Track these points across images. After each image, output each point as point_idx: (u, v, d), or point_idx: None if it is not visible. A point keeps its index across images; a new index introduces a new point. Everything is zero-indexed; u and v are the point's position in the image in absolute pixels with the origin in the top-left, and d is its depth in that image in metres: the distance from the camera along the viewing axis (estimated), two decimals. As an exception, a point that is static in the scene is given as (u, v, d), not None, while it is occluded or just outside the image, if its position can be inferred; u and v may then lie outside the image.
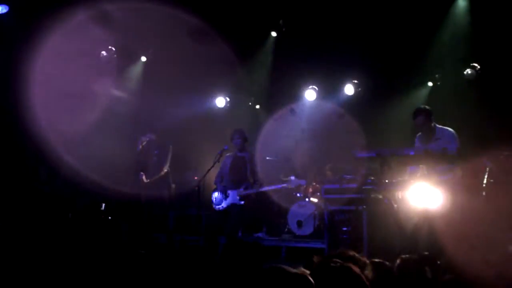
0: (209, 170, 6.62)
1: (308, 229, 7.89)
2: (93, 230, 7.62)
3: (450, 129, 5.64)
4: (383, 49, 8.18)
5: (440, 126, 5.68)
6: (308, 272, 1.93)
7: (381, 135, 7.85)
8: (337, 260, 1.99)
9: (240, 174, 6.70)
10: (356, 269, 1.95)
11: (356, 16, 8.05)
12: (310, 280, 1.67)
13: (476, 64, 7.80)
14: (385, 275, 2.26)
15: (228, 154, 6.82)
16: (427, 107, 5.75)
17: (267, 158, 9.09)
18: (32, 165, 7.89)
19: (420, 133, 5.84)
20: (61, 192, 7.89)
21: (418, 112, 5.63)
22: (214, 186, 7.22)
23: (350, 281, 1.86)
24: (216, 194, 6.98)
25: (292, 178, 6.61)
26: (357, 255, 2.22)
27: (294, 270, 1.69)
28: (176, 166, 7.61)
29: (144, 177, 7.18)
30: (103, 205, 8.12)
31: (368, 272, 2.22)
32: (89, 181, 8.07)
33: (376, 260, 2.40)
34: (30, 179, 7.72)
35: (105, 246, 6.75)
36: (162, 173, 7.18)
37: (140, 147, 7.21)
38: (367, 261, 2.36)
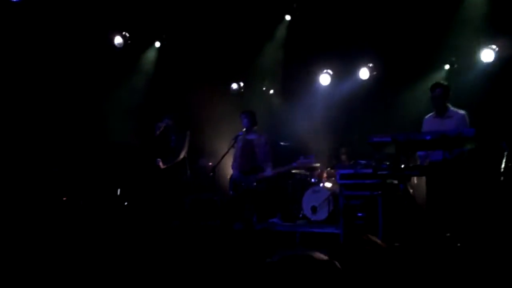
0: (224, 156, 6.61)
1: (322, 215, 7.89)
2: (108, 215, 7.70)
3: (462, 111, 5.65)
4: (399, 32, 8.05)
5: (453, 108, 5.69)
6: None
7: (397, 119, 7.78)
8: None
9: (247, 158, 6.64)
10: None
11: (371, -1, 7.94)
12: (337, 266, 1.65)
13: (494, 46, 7.66)
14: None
15: (240, 137, 6.77)
16: (446, 83, 5.81)
17: (281, 143, 9.08)
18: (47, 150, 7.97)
19: (428, 115, 5.84)
20: (77, 177, 7.98)
21: (437, 85, 5.73)
22: (230, 172, 7.22)
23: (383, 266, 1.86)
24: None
25: (301, 158, 6.47)
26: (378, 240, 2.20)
27: (322, 257, 1.67)
28: (191, 152, 7.63)
29: (161, 163, 7.21)
30: (119, 190, 8.20)
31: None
32: (105, 166, 8.15)
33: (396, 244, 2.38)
34: (44, 163, 7.80)
35: (121, 231, 6.83)
36: (180, 159, 7.20)
37: (158, 133, 7.22)
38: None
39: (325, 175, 8.75)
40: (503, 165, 4.80)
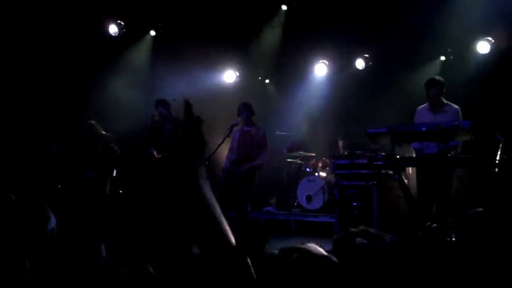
0: (219, 145, 6.60)
1: (317, 204, 7.95)
2: (101, 203, 7.65)
3: (455, 105, 5.68)
4: (395, 22, 8.04)
5: (446, 102, 5.71)
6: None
7: (393, 110, 7.79)
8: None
9: (246, 149, 6.64)
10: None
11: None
12: (333, 261, 1.66)
13: (490, 38, 7.67)
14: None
15: (236, 129, 6.76)
16: (441, 79, 5.76)
17: (277, 132, 9.09)
18: (43, 140, 7.92)
19: (422, 106, 5.85)
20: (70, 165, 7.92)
21: (433, 83, 5.65)
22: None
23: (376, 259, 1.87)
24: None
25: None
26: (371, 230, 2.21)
27: (319, 252, 1.67)
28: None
29: (155, 153, 7.19)
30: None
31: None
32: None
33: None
34: (40, 153, 7.76)
35: (114, 219, 6.80)
36: (175, 148, 7.15)
37: (152, 120, 7.19)
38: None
39: (320, 164, 8.78)
40: (498, 157, 4.83)
